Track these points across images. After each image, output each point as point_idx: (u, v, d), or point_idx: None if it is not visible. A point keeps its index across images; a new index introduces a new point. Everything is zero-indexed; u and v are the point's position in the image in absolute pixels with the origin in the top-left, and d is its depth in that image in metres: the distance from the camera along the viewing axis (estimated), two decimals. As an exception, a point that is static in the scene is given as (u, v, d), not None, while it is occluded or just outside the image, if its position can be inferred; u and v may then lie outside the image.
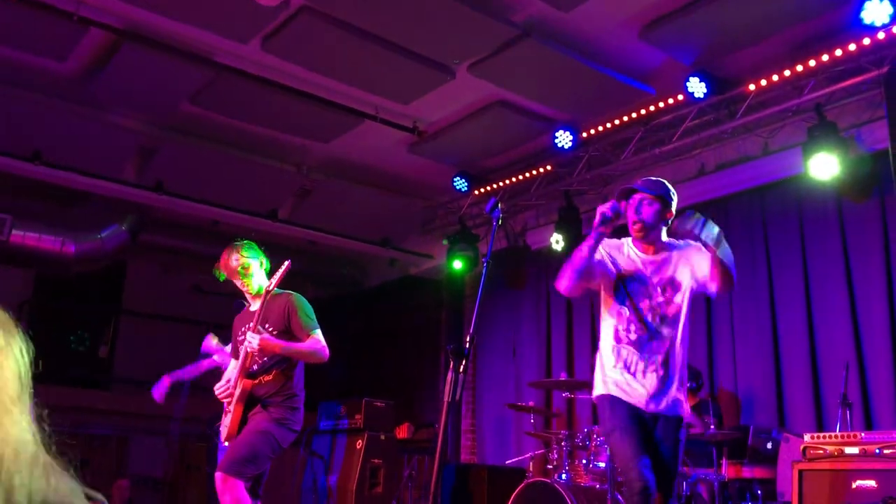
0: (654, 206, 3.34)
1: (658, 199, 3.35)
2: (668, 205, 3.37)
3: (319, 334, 3.93)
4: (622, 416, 3.21)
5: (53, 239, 7.77)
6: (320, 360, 3.93)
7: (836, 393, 5.12)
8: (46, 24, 5.40)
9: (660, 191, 3.38)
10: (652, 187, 3.37)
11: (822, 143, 5.46)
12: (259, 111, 6.62)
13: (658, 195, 3.36)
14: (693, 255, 3.35)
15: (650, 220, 3.34)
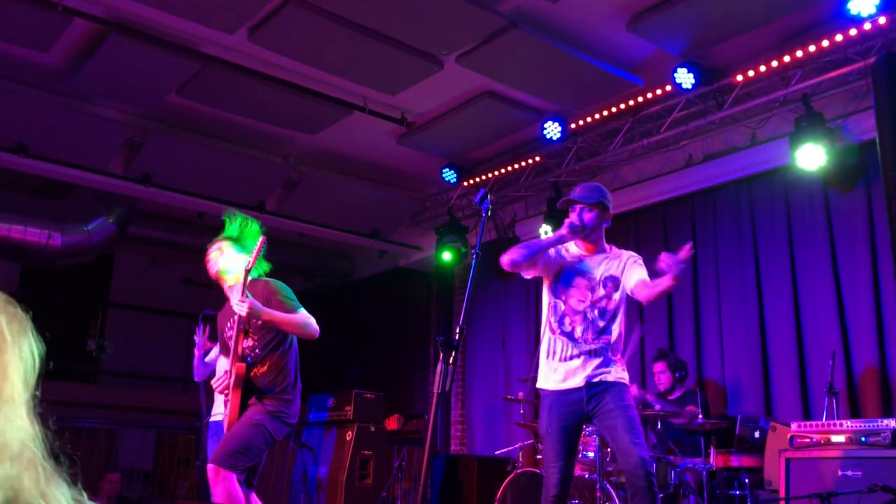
0: (594, 211, 3.71)
1: (596, 205, 3.72)
2: (606, 208, 3.77)
3: (305, 312, 3.90)
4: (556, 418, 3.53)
5: (39, 231, 7.71)
6: (311, 335, 3.87)
7: (823, 381, 5.16)
8: (30, 14, 5.34)
9: (597, 198, 3.75)
10: (589, 196, 3.73)
11: (809, 134, 5.48)
12: (246, 102, 6.58)
13: (596, 202, 3.73)
14: (630, 264, 3.68)
15: (590, 223, 3.71)
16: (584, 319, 3.59)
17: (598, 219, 3.72)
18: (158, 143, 7.07)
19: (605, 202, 3.75)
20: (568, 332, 3.60)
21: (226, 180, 7.54)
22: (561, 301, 3.66)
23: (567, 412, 3.51)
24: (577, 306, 3.62)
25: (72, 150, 6.85)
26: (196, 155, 7.26)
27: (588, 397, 3.50)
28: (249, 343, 3.95)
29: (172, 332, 10.45)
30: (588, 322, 3.58)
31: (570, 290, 3.66)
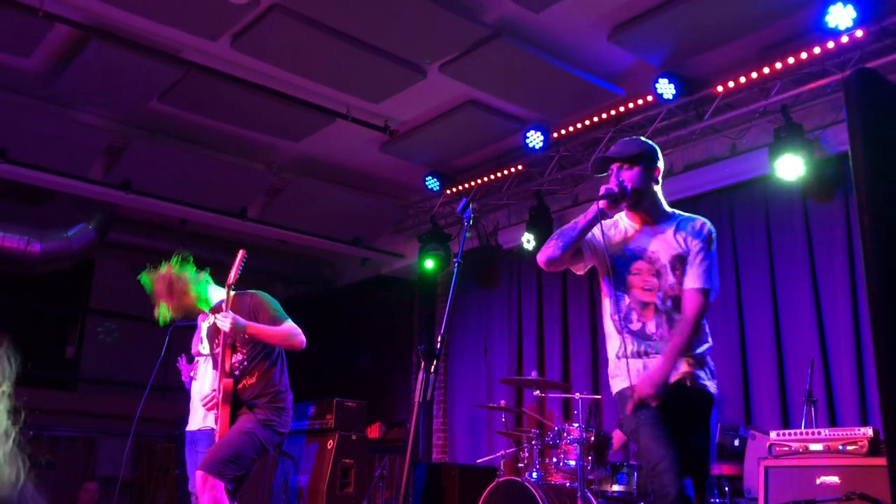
0: (635, 168, 2.96)
1: (638, 159, 2.97)
2: (652, 162, 2.99)
3: (292, 323, 3.90)
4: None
5: (18, 238, 7.64)
6: (297, 346, 3.88)
7: (802, 390, 5.21)
8: (10, 19, 5.30)
9: (635, 149, 2.99)
10: (625, 149, 3.00)
11: (788, 145, 5.55)
12: (229, 109, 6.56)
13: (634, 155, 2.97)
14: (694, 252, 2.94)
15: (633, 185, 2.94)
16: (656, 313, 2.89)
17: (642, 178, 2.95)
18: (139, 149, 7.03)
19: (649, 154, 2.99)
20: (637, 330, 2.92)
21: (208, 187, 7.50)
22: (623, 293, 2.95)
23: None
24: (643, 297, 2.91)
25: (52, 156, 6.80)
26: (178, 161, 7.23)
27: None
28: (238, 357, 3.95)
29: (152, 340, 10.37)
30: (661, 315, 2.89)
31: (630, 279, 2.94)
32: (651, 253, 2.95)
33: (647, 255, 2.95)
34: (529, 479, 5.00)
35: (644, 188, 2.97)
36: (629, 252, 2.97)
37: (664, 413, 2.78)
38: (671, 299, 2.90)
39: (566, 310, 7.53)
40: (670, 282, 2.90)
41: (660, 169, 3.03)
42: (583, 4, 5.16)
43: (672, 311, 2.89)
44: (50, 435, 8.60)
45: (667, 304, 2.90)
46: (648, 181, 2.98)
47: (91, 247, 8.15)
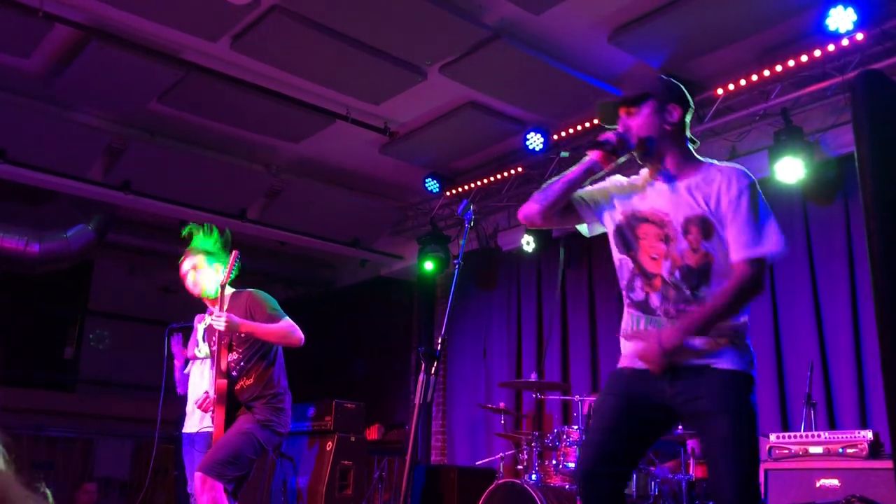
0: (643, 111, 2.48)
1: (647, 100, 2.49)
2: (666, 101, 2.49)
3: (289, 320, 3.90)
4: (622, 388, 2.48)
5: (17, 238, 7.63)
6: (294, 343, 3.87)
7: (801, 392, 5.21)
8: (10, 19, 5.30)
9: (643, 88, 2.53)
10: (633, 89, 2.54)
11: (788, 147, 5.55)
12: (228, 110, 6.56)
13: (639, 95, 2.50)
14: (731, 201, 2.38)
15: (642, 131, 2.47)
16: (663, 285, 2.42)
17: (652, 122, 2.47)
18: (139, 150, 7.02)
19: (661, 92, 2.51)
20: (639, 301, 2.47)
21: (207, 188, 7.50)
22: (629, 259, 2.51)
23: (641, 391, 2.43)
24: (649, 266, 2.45)
25: (51, 157, 6.79)
26: (177, 162, 7.22)
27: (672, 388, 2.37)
28: (235, 357, 3.93)
29: (151, 341, 10.36)
30: (669, 288, 2.41)
31: (636, 243, 2.48)
32: (661, 214, 2.45)
33: (656, 216, 2.45)
34: (529, 482, 4.99)
35: (654, 135, 2.46)
36: (637, 212, 2.50)
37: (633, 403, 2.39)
38: (680, 269, 2.39)
39: (566, 312, 7.53)
40: (681, 248, 2.39)
41: (679, 109, 2.49)
42: (583, 6, 5.16)
43: (681, 284, 2.39)
44: (48, 436, 8.60)
45: (675, 275, 2.39)
46: (660, 125, 2.47)
47: (90, 247, 8.14)
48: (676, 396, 2.37)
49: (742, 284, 2.33)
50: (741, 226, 2.35)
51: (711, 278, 2.37)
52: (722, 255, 2.38)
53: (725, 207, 2.37)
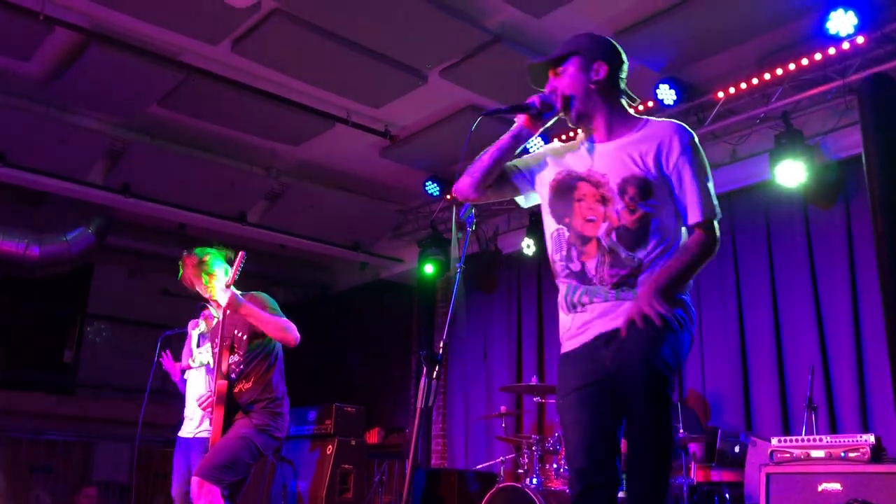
0: (568, 70, 2.37)
1: (571, 58, 2.37)
2: (593, 57, 2.37)
3: (287, 320, 3.90)
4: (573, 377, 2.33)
5: (17, 242, 7.62)
6: (291, 340, 3.86)
7: (802, 396, 5.20)
8: (10, 23, 5.30)
9: (565, 48, 2.40)
10: (556, 50, 2.41)
11: (789, 151, 5.55)
12: (229, 114, 6.56)
13: (566, 53, 2.39)
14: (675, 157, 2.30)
15: (567, 91, 2.36)
16: (599, 250, 2.30)
17: (577, 81, 2.36)
18: (139, 153, 7.02)
19: (585, 49, 2.39)
20: (577, 271, 2.33)
21: (207, 191, 7.49)
22: (563, 226, 2.39)
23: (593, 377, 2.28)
24: (584, 230, 2.33)
25: (51, 160, 6.79)
26: (177, 165, 7.22)
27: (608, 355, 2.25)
28: (235, 359, 3.93)
29: (150, 344, 10.33)
30: (605, 253, 2.29)
31: (571, 207, 2.37)
32: (598, 175, 2.35)
33: (593, 177, 2.35)
34: (529, 486, 4.98)
35: (579, 94, 2.36)
36: (573, 172, 2.40)
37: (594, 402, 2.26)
38: (617, 231, 2.28)
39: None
40: (618, 209, 2.29)
41: (606, 66, 2.37)
42: (584, 10, 5.16)
43: (617, 247, 2.28)
44: (47, 439, 8.57)
45: (611, 237, 2.28)
46: (586, 84, 2.36)
47: (90, 251, 8.14)
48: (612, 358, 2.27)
49: (703, 247, 2.29)
50: (693, 188, 2.30)
51: (649, 239, 2.28)
52: (660, 215, 2.29)
53: (671, 168, 2.31)
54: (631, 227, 2.27)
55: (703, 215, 2.29)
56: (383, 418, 8.61)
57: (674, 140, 2.31)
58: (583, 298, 2.32)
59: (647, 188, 2.28)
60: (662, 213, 2.30)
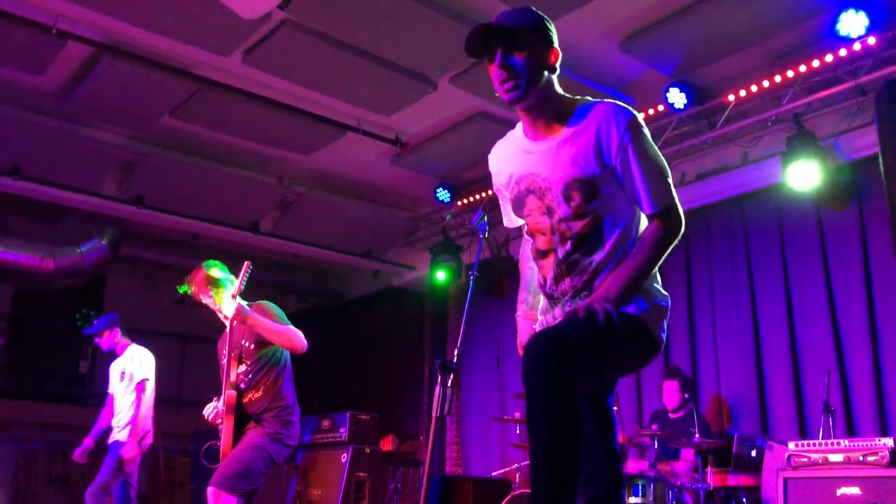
0: (524, 53, 2.09)
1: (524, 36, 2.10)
2: (548, 39, 2.15)
3: (294, 327, 3.92)
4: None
5: (33, 254, 7.69)
6: (297, 348, 3.88)
7: (819, 400, 5.17)
8: (25, 37, 5.35)
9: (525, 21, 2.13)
10: (510, 18, 2.12)
11: (801, 153, 5.52)
12: (240, 124, 6.59)
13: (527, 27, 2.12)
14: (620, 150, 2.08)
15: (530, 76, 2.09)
16: (556, 262, 2.19)
17: (537, 69, 2.11)
18: (152, 164, 7.06)
19: (545, 31, 2.16)
20: (540, 283, 2.28)
21: (220, 201, 7.53)
22: (531, 238, 2.29)
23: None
24: (540, 244, 2.23)
25: (65, 172, 6.84)
26: (190, 176, 7.26)
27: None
28: (244, 369, 3.96)
29: (165, 354, 10.37)
30: (561, 265, 2.18)
31: (527, 219, 2.26)
32: (539, 180, 2.16)
33: (535, 183, 2.17)
34: (545, 492, 4.96)
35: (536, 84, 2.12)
36: (521, 185, 2.23)
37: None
38: (571, 241, 2.14)
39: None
40: (563, 214, 2.12)
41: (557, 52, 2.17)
42: (594, 15, 5.16)
43: (573, 256, 2.14)
44: (63, 450, 8.61)
45: (566, 247, 2.15)
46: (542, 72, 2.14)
47: (104, 262, 8.19)
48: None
49: (660, 239, 2.11)
50: (640, 177, 2.09)
51: (605, 239, 2.13)
52: (611, 209, 2.13)
53: (613, 159, 2.08)
54: (584, 231, 2.13)
55: (655, 205, 2.11)
56: (397, 425, 8.60)
57: (611, 127, 2.07)
58: (547, 317, 2.26)
59: (593, 188, 2.09)
60: (614, 207, 2.14)
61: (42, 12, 5.15)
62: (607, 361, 2.16)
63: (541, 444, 1.90)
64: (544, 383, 1.89)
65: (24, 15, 5.11)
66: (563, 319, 2.12)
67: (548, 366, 1.89)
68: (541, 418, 1.89)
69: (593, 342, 2.00)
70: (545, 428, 1.88)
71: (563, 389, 1.89)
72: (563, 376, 1.90)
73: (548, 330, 2.10)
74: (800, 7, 5.00)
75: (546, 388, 1.88)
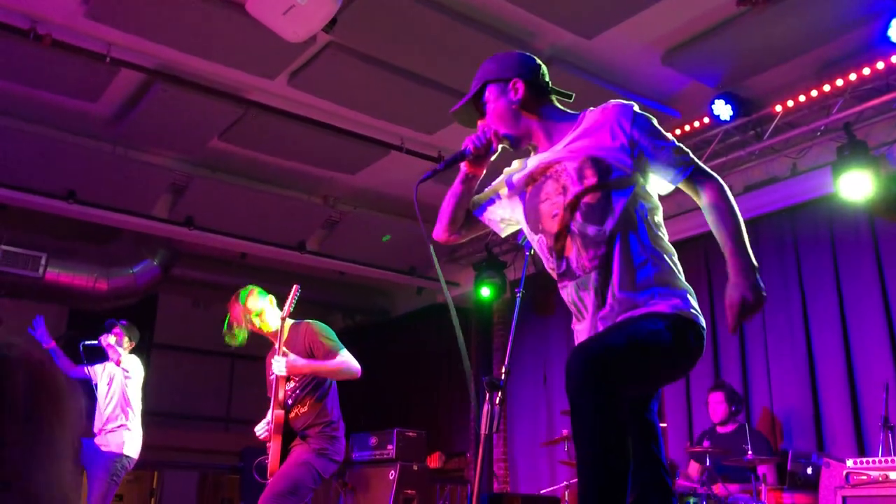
0: (488, 103, 2.35)
1: (484, 90, 2.36)
2: (505, 78, 2.33)
3: (347, 353, 3.94)
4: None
5: (86, 276, 7.90)
6: (352, 377, 3.92)
7: (877, 415, 5.02)
8: (79, 66, 5.53)
9: (478, 81, 2.37)
10: (471, 88, 2.39)
11: (852, 162, 5.41)
12: (287, 145, 6.71)
13: (480, 88, 2.37)
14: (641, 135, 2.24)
15: (500, 126, 2.33)
16: (571, 238, 2.22)
17: (503, 111, 2.33)
18: (201, 186, 7.21)
19: (494, 75, 2.36)
20: (564, 271, 2.27)
21: (267, 221, 7.65)
22: (540, 234, 2.33)
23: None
24: (552, 227, 2.26)
25: (118, 196, 7.03)
26: (238, 197, 7.40)
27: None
28: (291, 385, 4.00)
29: (214, 372, 10.54)
30: (576, 238, 2.21)
31: (539, 213, 2.31)
32: (555, 167, 2.27)
33: (551, 171, 2.28)
34: (595, 510, 4.90)
35: (508, 121, 2.32)
36: (535, 172, 2.35)
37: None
38: (581, 211, 2.19)
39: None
40: (576, 191, 2.20)
41: (521, 81, 2.32)
42: (636, 29, 5.15)
43: (585, 227, 2.19)
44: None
45: (577, 219, 2.19)
46: (509, 108, 2.32)
47: (155, 282, 8.37)
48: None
49: (720, 189, 2.24)
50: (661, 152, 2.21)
51: (614, 207, 2.18)
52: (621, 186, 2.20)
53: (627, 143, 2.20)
54: (593, 201, 2.18)
55: (683, 170, 2.22)
56: (442, 442, 8.59)
57: (620, 117, 2.24)
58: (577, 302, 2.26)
59: (606, 167, 2.19)
60: (624, 182, 2.20)
61: (96, 41, 5.32)
62: (651, 369, 2.15)
63: (584, 462, 1.90)
64: (586, 399, 1.91)
65: (79, 45, 5.29)
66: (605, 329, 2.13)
67: (588, 381, 1.91)
68: (584, 434, 1.91)
69: (635, 351, 2.02)
70: (588, 445, 1.90)
71: (605, 404, 1.90)
72: (606, 390, 1.91)
73: (588, 342, 2.10)
74: (848, 15, 4.92)
75: (588, 403, 1.90)
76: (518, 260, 7.89)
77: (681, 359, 2.20)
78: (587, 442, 1.90)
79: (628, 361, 2.00)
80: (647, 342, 2.04)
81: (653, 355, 2.08)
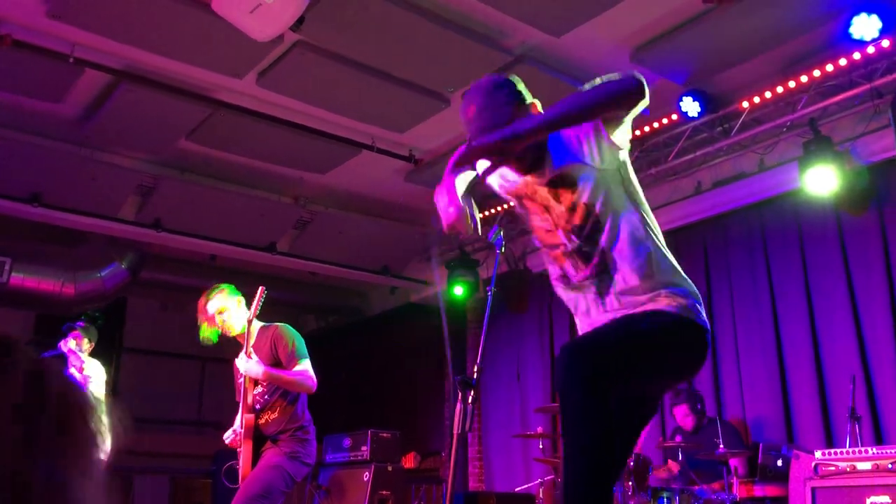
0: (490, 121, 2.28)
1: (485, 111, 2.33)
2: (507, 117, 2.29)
3: (307, 364, 3.93)
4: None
5: (53, 280, 7.77)
6: (307, 391, 3.93)
7: (844, 407, 5.10)
8: (43, 66, 5.43)
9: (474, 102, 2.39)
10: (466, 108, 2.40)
11: (818, 158, 5.48)
12: (256, 145, 6.65)
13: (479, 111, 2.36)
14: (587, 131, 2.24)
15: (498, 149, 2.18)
16: (564, 250, 2.30)
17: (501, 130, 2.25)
18: (169, 188, 7.13)
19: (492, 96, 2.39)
20: (563, 279, 2.36)
21: (237, 222, 7.58)
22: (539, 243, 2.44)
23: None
24: (547, 239, 2.35)
25: (84, 198, 6.92)
26: (207, 198, 7.32)
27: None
28: (260, 390, 3.99)
29: (185, 375, 10.43)
30: (568, 251, 2.28)
31: (534, 224, 2.41)
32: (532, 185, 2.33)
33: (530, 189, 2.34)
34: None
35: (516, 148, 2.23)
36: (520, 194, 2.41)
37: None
38: (573, 232, 2.23)
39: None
40: (558, 212, 2.25)
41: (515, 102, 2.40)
42: (604, 27, 5.17)
43: (582, 246, 2.22)
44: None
45: (572, 239, 2.24)
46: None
47: (124, 286, 8.25)
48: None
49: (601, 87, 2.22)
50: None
51: (602, 224, 2.19)
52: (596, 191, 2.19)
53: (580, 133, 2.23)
54: (580, 222, 2.21)
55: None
56: (418, 442, 8.58)
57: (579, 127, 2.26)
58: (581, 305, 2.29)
59: (575, 172, 2.20)
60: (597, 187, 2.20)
61: (59, 41, 5.23)
62: (642, 366, 2.16)
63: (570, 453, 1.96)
64: (573, 391, 1.95)
65: (42, 45, 5.19)
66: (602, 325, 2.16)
67: (575, 374, 1.96)
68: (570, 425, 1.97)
69: (625, 347, 2.07)
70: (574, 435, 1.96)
71: (591, 395, 1.94)
72: (592, 383, 1.95)
73: (581, 336, 2.17)
74: (811, 12, 4.98)
75: (575, 394, 1.95)
76: (490, 258, 7.90)
77: (678, 358, 2.22)
78: (573, 433, 1.95)
79: (618, 356, 2.04)
80: (638, 339, 2.08)
81: (644, 351, 2.11)
